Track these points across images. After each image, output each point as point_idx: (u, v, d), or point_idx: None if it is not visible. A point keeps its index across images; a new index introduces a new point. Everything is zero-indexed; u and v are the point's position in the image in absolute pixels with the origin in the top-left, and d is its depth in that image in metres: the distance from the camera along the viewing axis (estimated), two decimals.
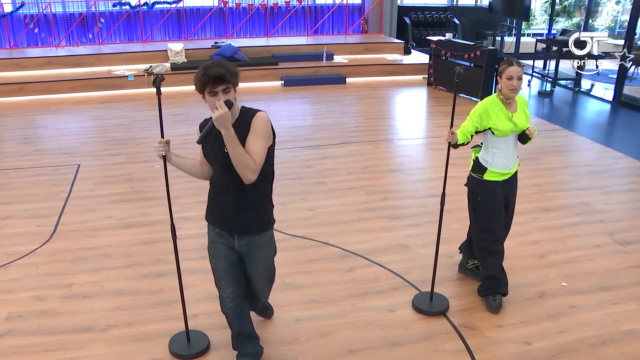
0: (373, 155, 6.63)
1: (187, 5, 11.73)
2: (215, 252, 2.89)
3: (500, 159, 3.53)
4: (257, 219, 2.81)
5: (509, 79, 3.36)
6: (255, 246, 2.85)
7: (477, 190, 3.61)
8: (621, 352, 3.29)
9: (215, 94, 2.51)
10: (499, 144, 3.51)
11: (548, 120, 8.23)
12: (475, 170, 3.62)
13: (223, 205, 2.78)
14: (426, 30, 13.69)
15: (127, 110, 8.60)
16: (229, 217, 2.78)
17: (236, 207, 2.74)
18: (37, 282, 3.97)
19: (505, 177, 3.58)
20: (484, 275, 3.70)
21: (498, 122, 3.45)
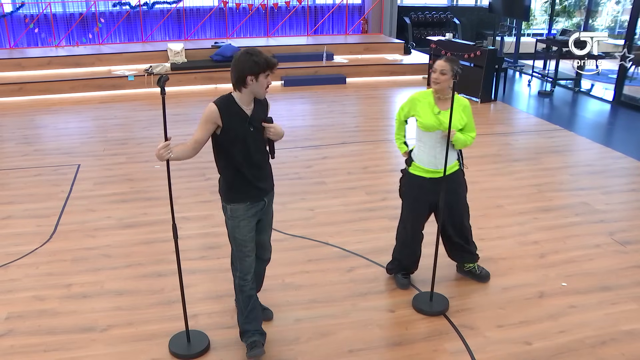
0: (373, 155, 6.64)
1: (187, 5, 11.73)
2: (248, 226, 3.09)
3: (425, 155, 3.57)
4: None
5: (433, 72, 3.45)
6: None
7: (402, 180, 3.77)
8: (621, 352, 3.29)
9: (268, 76, 2.93)
10: (424, 138, 3.56)
11: (548, 120, 8.24)
12: (406, 160, 3.73)
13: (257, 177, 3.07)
14: (426, 30, 13.69)
15: (127, 110, 8.60)
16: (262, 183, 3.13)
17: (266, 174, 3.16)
18: (37, 282, 3.98)
19: (431, 175, 3.58)
20: (394, 256, 3.95)
21: (422, 113, 3.50)
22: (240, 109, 2.94)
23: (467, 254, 3.94)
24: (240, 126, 2.93)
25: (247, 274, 3.16)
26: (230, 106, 2.93)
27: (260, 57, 2.86)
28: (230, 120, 2.91)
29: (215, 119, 2.89)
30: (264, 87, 2.94)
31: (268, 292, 3.78)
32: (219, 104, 2.90)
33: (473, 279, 4.00)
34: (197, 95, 9.47)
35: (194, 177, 5.85)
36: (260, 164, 3.07)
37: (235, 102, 2.94)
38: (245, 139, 2.95)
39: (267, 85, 2.95)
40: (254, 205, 3.10)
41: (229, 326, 3.49)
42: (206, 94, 9.58)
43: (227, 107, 2.92)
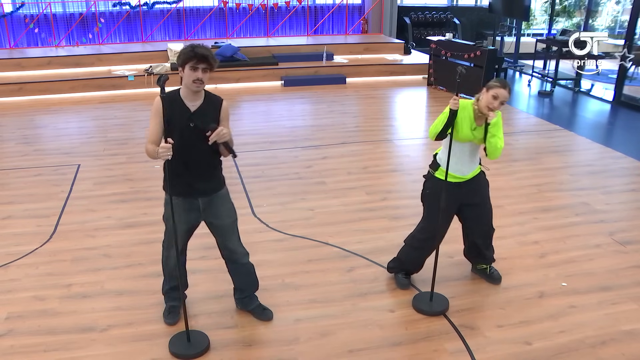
0: (373, 155, 6.63)
1: (187, 5, 11.73)
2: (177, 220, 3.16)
3: (454, 164, 3.55)
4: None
5: (494, 97, 3.35)
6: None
7: (426, 184, 3.72)
8: (621, 352, 3.29)
9: (196, 70, 2.91)
10: (455, 148, 3.52)
11: (548, 120, 8.24)
12: (431, 165, 3.69)
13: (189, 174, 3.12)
14: (426, 30, 13.69)
15: (127, 110, 8.60)
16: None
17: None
18: (37, 282, 3.97)
19: (457, 180, 3.60)
20: (398, 255, 3.92)
21: (461, 125, 3.46)
22: (183, 103, 3.01)
23: (483, 258, 3.95)
24: (179, 119, 2.98)
25: (172, 262, 3.29)
26: (174, 99, 3.01)
27: (188, 48, 2.90)
28: (172, 112, 2.97)
29: (159, 110, 2.98)
30: (191, 79, 2.91)
31: (268, 292, 3.78)
32: (162, 97, 2.98)
33: (484, 279, 4.00)
34: None
35: None
36: (195, 161, 3.07)
37: (180, 96, 3.02)
38: (182, 133, 2.97)
39: (196, 79, 2.91)
40: (185, 202, 3.14)
41: (229, 326, 3.49)
42: None
43: (171, 100, 2.99)
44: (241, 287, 3.55)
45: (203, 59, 2.89)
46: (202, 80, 2.93)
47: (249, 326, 3.50)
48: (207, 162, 3.13)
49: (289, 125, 7.77)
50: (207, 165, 3.14)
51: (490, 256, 3.96)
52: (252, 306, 3.57)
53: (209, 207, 3.22)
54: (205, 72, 2.93)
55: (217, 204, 3.23)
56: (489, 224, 3.83)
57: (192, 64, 2.89)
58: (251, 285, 3.56)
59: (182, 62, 2.93)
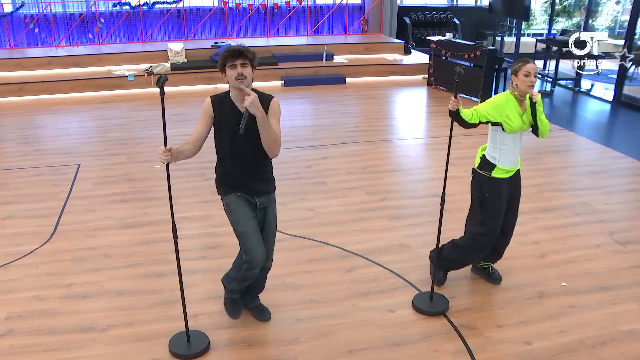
0: (373, 155, 6.63)
1: (187, 5, 11.73)
2: (245, 216, 3.11)
3: (508, 156, 3.57)
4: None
5: (526, 76, 3.43)
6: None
7: (485, 187, 3.63)
8: (621, 352, 3.29)
9: (235, 67, 2.87)
10: (507, 141, 3.55)
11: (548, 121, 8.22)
12: (482, 167, 3.64)
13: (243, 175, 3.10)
14: (426, 30, 13.69)
15: (127, 110, 8.60)
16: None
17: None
18: (37, 282, 3.97)
19: (510, 174, 3.63)
20: (451, 256, 3.81)
21: (512, 117, 3.48)
22: (233, 105, 3.00)
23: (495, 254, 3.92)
24: (230, 121, 2.98)
25: (251, 263, 3.09)
26: (224, 101, 3.02)
27: (222, 53, 2.89)
28: (223, 114, 2.99)
29: (209, 112, 3.00)
30: (233, 77, 2.89)
31: (268, 292, 3.78)
32: (213, 98, 3.02)
33: (484, 278, 4.00)
34: (197, 95, 9.47)
35: (194, 177, 5.85)
36: (249, 162, 3.06)
37: (230, 98, 3.02)
38: (234, 135, 2.97)
39: (238, 75, 2.87)
40: (244, 198, 3.11)
41: (229, 326, 3.49)
42: (206, 94, 9.48)
43: (221, 101, 3.01)
44: (251, 288, 3.53)
45: (237, 54, 2.86)
46: (243, 74, 2.87)
47: (249, 326, 3.50)
48: (259, 164, 3.09)
49: (289, 125, 7.77)
50: (259, 167, 3.11)
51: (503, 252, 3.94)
52: (251, 305, 3.58)
53: (264, 207, 3.19)
54: (244, 66, 2.88)
55: (270, 206, 3.21)
56: (517, 215, 3.83)
57: (229, 63, 2.87)
58: (259, 289, 3.57)
59: (221, 67, 2.91)
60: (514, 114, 3.50)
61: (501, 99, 3.53)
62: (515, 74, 3.47)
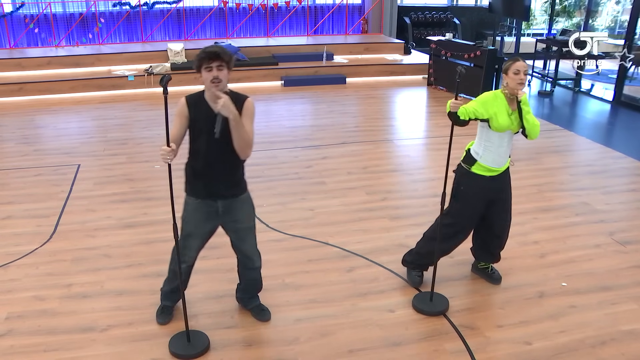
0: (373, 155, 6.63)
1: (187, 5, 11.73)
2: (195, 225, 3.21)
3: (491, 154, 3.55)
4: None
5: (515, 74, 3.42)
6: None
7: (462, 180, 3.67)
8: (621, 352, 3.29)
9: (210, 70, 2.86)
10: (493, 138, 3.53)
11: (548, 120, 8.23)
12: (465, 160, 3.67)
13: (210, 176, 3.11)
14: (426, 30, 13.69)
15: (127, 110, 8.60)
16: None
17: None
18: (37, 282, 3.97)
19: (492, 174, 3.60)
20: (417, 249, 3.87)
21: (500, 115, 3.47)
22: (208, 105, 2.99)
23: (490, 256, 3.94)
24: (204, 122, 2.97)
25: (183, 263, 3.26)
26: (199, 101, 3.01)
27: (199, 54, 2.87)
28: (198, 114, 2.99)
29: (185, 112, 3.01)
30: (208, 80, 2.88)
31: (268, 292, 3.78)
32: (188, 98, 3.02)
33: (484, 278, 4.00)
34: None
35: None
36: (219, 164, 3.06)
37: (204, 99, 3.01)
38: (208, 136, 2.96)
39: (212, 78, 2.86)
40: (204, 205, 3.13)
41: (229, 326, 3.49)
42: None
43: (196, 102, 3.01)
44: (246, 288, 3.57)
45: (213, 56, 2.84)
46: (218, 78, 2.87)
47: (249, 326, 3.50)
48: (230, 165, 3.10)
49: (289, 125, 7.77)
50: (231, 169, 3.11)
51: (498, 255, 3.95)
52: (251, 305, 3.59)
53: (229, 210, 3.19)
54: (220, 69, 2.87)
55: (236, 208, 3.21)
56: (509, 218, 3.82)
57: (205, 64, 2.86)
58: (256, 289, 3.58)
59: (197, 67, 2.90)
60: (502, 112, 3.48)
61: (490, 96, 3.53)
62: (505, 72, 3.46)
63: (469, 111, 3.47)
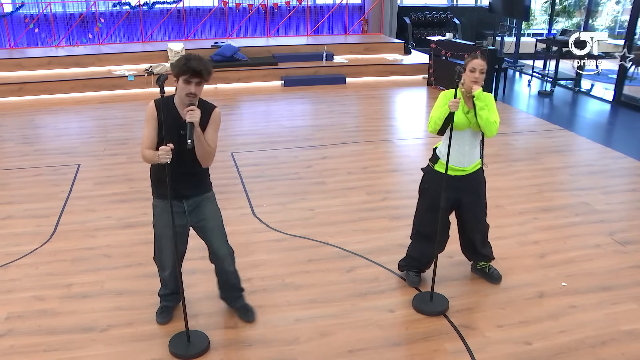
0: (373, 155, 6.63)
1: (187, 5, 11.74)
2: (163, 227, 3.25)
3: (453, 153, 3.55)
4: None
5: (471, 71, 3.41)
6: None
7: (425, 177, 3.74)
8: (621, 352, 3.29)
9: (189, 83, 2.90)
10: (453, 137, 3.52)
11: (548, 120, 8.24)
12: (431, 158, 3.71)
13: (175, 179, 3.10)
14: (426, 30, 13.69)
15: (127, 110, 8.61)
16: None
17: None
18: (37, 282, 3.97)
19: (457, 174, 3.60)
20: (408, 253, 3.96)
21: (455, 113, 3.43)
22: (176, 110, 3.02)
23: (481, 256, 3.96)
24: (171, 126, 2.99)
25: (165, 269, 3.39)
26: (167, 105, 3.02)
27: (182, 61, 2.87)
28: (165, 118, 2.98)
29: (154, 115, 3.02)
30: (184, 92, 2.90)
31: (268, 292, 3.78)
32: (157, 102, 3.02)
33: (483, 278, 4.00)
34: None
35: None
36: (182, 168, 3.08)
37: (173, 103, 3.03)
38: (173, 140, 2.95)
39: (189, 92, 2.89)
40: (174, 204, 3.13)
41: (229, 326, 3.49)
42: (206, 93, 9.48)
43: (164, 105, 2.99)
44: (224, 286, 3.57)
45: (196, 74, 2.87)
46: (195, 94, 2.92)
47: (249, 326, 3.50)
48: (193, 168, 3.14)
49: (289, 125, 7.77)
50: (194, 171, 3.16)
51: (487, 254, 3.96)
52: (237, 305, 3.58)
53: (194, 209, 3.25)
54: (198, 85, 2.92)
55: (202, 206, 3.26)
56: (483, 221, 3.84)
57: (185, 77, 2.88)
58: (234, 286, 3.55)
59: (176, 74, 2.92)
60: (458, 110, 3.45)
61: (448, 93, 3.51)
62: (464, 69, 3.44)
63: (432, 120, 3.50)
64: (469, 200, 3.70)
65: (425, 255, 3.86)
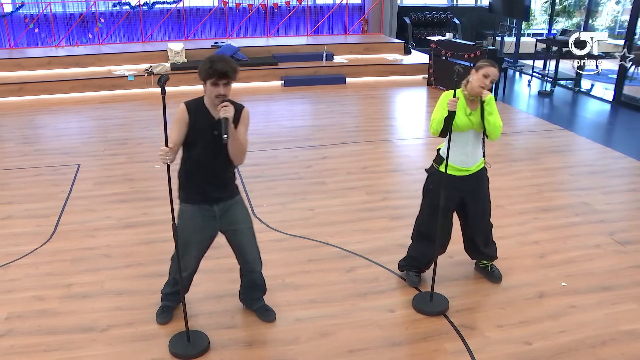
0: (373, 155, 6.64)
1: (187, 5, 11.74)
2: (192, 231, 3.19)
3: (456, 154, 3.57)
4: None
5: (485, 77, 3.43)
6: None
7: (430, 179, 3.74)
8: (621, 352, 3.29)
9: (217, 85, 2.89)
10: (455, 138, 3.55)
11: (548, 120, 8.24)
12: (435, 160, 3.72)
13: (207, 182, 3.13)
14: (426, 30, 13.69)
15: (127, 110, 8.61)
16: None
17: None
18: (37, 282, 3.97)
19: (461, 174, 3.62)
20: (408, 253, 3.96)
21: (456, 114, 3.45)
22: (207, 111, 3.01)
23: (484, 255, 3.97)
24: (203, 128, 2.99)
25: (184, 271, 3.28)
26: (198, 107, 3.02)
27: (206, 65, 2.86)
28: (197, 120, 2.98)
29: (185, 118, 3.01)
30: (213, 94, 2.90)
31: (268, 292, 3.78)
32: (188, 104, 3.03)
33: (484, 276, 4.01)
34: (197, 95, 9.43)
35: None
36: (214, 169, 3.08)
37: (203, 104, 3.02)
38: (206, 142, 2.96)
39: (217, 94, 2.89)
40: (201, 210, 3.13)
41: (229, 326, 3.49)
42: None
43: (195, 108, 3.01)
44: (249, 291, 3.56)
45: (223, 76, 2.86)
46: (224, 94, 2.90)
47: (249, 326, 3.50)
48: (225, 171, 3.13)
49: (289, 125, 7.77)
50: (225, 174, 3.15)
51: (491, 253, 3.96)
52: (256, 306, 3.58)
53: (226, 213, 3.20)
54: (226, 85, 2.90)
55: (233, 209, 3.22)
56: (487, 220, 3.85)
57: (212, 80, 2.87)
58: (259, 291, 3.57)
59: (202, 78, 2.91)
60: (460, 110, 3.48)
61: (447, 95, 3.52)
62: (476, 70, 3.46)
63: (433, 122, 3.51)
64: (472, 200, 3.71)
65: (425, 256, 3.86)
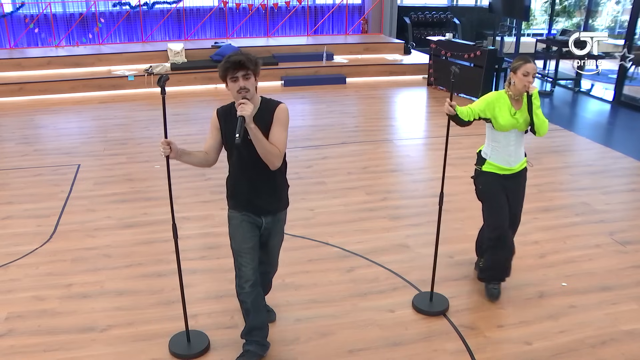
0: (373, 155, 6.63)
1: (187, 5, 11.73)
2: (243, 235, 3.00)
3: (499, 154, 3.58)
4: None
5: (525, 75, 3.42)
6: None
7: (477, 181, 3.72)
8: (621, 352, 3.29)
9: (236, 80, 2.73)
10: (499, 138, 3.56)
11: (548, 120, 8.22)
12: (477, 162, 3.71)
13: (249, 189, 2.99)
14: (426, 30, 13.69)
15: (127, 110, 8.60)
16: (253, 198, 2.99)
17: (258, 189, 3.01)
18: (37, 282, 3.97)
19: (505, 172, 3.62)
20: (486, 265, 3.79)
21: (499, 115, 3.48)
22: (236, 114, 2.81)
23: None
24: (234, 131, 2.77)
25: (245, 282, 3.00)
26: (229, 112, 2.91)
27: (222, 62, 2.74)
28: (228, 124, 2.88)
29: (216, 124, 2.94)
30: (234, 90, 2.74)
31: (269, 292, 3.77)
32: (219, 110, 2.95)
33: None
34: (197, 96, 9.47)
35: (194, 177, 5.84)
36: (255, 173, 2.94)
37: (235, 109, 2.83)
38: (239, 147, 2.80)
39: (239, 89, 2.72)
40: (247, 217, 3.01)
41: (229, 326, 3.49)
42: (206, 94, 9.58)
43: (226, 112, 2.92)
44: None
45: (237, 66, 2.69)
46: (245, 87, 2.72)
47: None
48: (266, 174, 2.95)
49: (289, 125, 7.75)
50: (267, 178, 2.98)
51: None
52: None
53: (270, 228, 3.08)
54: (246, 78, 2.73)
55: (276, 227, 3.13)
56: (519, 219, 3.82)
57: (230, 75, 2.72)
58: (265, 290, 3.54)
59: (221, 76, 2.75)
60: (504, 111, 3.50)
61: (493, 96, 3.55)
62: (514, 72, 3.46)
63: (474, 111, 3.50)
64: (512, 197, 3.70)
65: (503, 262, 3.73)
